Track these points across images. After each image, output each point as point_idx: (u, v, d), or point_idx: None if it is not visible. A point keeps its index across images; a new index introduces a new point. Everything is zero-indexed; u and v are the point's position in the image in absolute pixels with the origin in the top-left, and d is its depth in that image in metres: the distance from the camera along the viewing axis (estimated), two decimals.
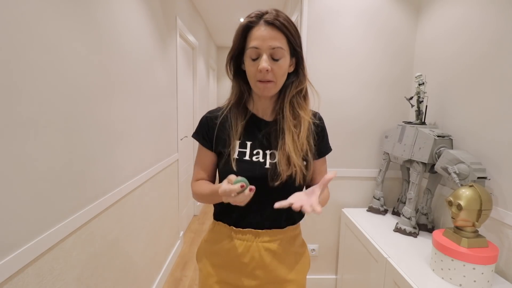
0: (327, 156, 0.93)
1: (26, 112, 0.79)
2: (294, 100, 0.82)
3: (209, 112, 0.88)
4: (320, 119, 0.89)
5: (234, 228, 0.84)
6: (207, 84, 4.12)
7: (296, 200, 0.67)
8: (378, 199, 1.78)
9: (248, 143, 0.82)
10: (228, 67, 0.84)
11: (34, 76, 0.81)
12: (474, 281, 1.02)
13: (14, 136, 0.75)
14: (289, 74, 0.82)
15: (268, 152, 0.81)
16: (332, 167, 1.88)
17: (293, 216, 0.87)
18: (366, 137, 1.87)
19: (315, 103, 0.88)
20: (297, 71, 0.83)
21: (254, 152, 0.81)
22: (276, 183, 0.77)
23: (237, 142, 0.81)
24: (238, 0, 2.98)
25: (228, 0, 2.97)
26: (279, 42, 0.74)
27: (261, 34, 0.73)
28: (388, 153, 1.73)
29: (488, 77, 1.25)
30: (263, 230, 0.82)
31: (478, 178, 1.16)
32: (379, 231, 1.53)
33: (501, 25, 1.19)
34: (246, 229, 0.83)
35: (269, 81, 0.76)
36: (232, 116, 0.83)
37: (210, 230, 0.91)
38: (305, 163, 0.80)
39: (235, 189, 0.64)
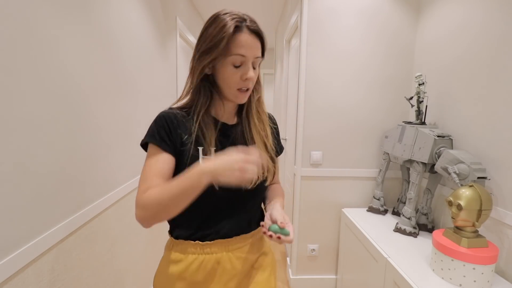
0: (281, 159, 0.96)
1: (26, 112, 0.79)
2: (257, 105, 0.84)
3: (165, 112, 0.76)
4: (273, 118, 0.93)
5: (200, 243, 0.75)
6: None
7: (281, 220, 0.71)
8: (378, 199, 1.78)
9: (212, 149, 0.74)
10: (198, 70, 0.73)
11: (34, 76, 0.81)
12: (474, 281, 1.02)
13: (13, 136, 0.75)
14: None
15: None
16: (333, 167, 1.89)
17: (257, 219, 0.86)
18: (366, 137, 1.87)
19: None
20: (258, 78, 0.83)
21: None
22: (250, 186, 0.74)
23: (200, 149, 0.73)
24: (238, 0, 2.98)
25: (228, 0, 2.97)
26: (259, 51, 0.75)
27: (248, 42, 0.70)
28: (388, 153, 1.73)
29: (488, 77, 1.25)
30: (232, 238, 0.78)
31: (478, 178, 1.16)
32: (379, 231, 1.53)
33: (501, 25, 1.19)
34: (214, 241, 0.76)
35: (247, 90, 0.77)
36: (202, 125, 0.75)
37: (169, 253, 0.79)
38: (272, 162, 0.83)
39: (257, 160, 0.60)
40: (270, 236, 0.68)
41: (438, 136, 1.38)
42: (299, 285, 1.98)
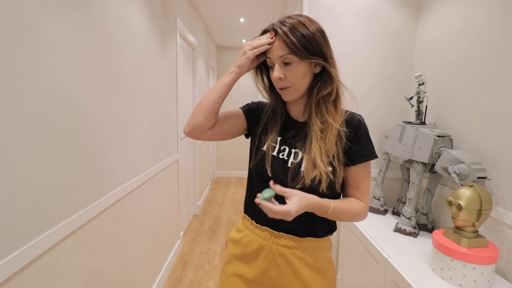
0: None
1: (26, 112, 0.79)
2: (321, 103, 0.78)
3: (262, 103, 0.93)
4: (353, 120, 0.80)
5: (254, 223, 0.85)
6: (207, 84, 4.12)
7: (288, 196, 0.69)
8: (378, 199, 1.78)
9: (279, 139, 0.84)
10: (260, 80, 0.87)
11: (34, 77, 0.81)
12: (474, 281, 1.02)
13: (14, 136, 0.75)
14: (316, 75, 0.79)
15: (293, 150, 0.81)
16: None
17: (315, 227, 0.81)
18: None
19: (351, 106, 0.83)
20: (324, 72, 0.78)
21: (282, 148, 0.82)
22: (297, 186, 0.75)
23: (270, 137, 0.83)
24: (238, 0, 2.98)
25: (228, 0, 2.97)
26: (285, 49, 0.73)
27: (271, 45, 0.76)
28: (388, 153, 1.73)
29: (488, 77, 1.25)
30: (279, 233, 0.81)
31: (478, 178, 1.16)
32: (379, 231, 1.53)
33: (501, 25, 1.19)
34: (264, 227, 0.83)
35: (287, 88, 0.77)
36: (269, 119, 0.87)
37: (239, 221, 0.93)
38: (331, 169, 0.75)
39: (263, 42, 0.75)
40: (256, 202, 0.69)
41: (438, 136, 1.38)
42: None
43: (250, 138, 0.92)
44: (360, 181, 0.82)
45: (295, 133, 0.82)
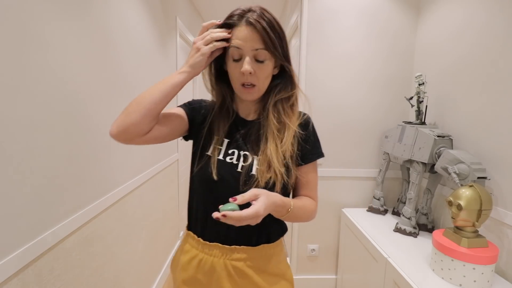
0: (322, 161, 0.86)
1: (26, 113, 0.79)
2: (279, 105, 0.75)
3: (204, 101, 0.85)
4: (307, 122, 0.80)
5: (201, 240, 0.76)
6: None
7: (254, 199, 0.62)
8: (378, 199, 1.78)
9: (226, 141, 0.77)
10: (209, 71, 0.78)
11: (34, 77, 0.81)
12: (474, 281, 1.02)
13: (14, 137, 0.75)
14: (274, 77, 0.76)
15: (242, 153, 0.75)
16: (333, 167, 1.88)
17: (268, 233, 0.78)
18: (366, 137, 1.87)
19: (305, 110, 0.84)
20: (283, 75, 0.76)
21: (229, 151, 0.75)
22: (249, 188, 0.70)
23: (215, 138, 0.76)
24: (238, 0, 2.98)
25: (228, 0, 2.97)
26: (261, 44, 0.68)
27: (243, 34, 0.68)
28: (388, 153, 1.73)
29: (488, 77, 1.25)
30: (231, 246, 0.74)
31: (478, 178, 1.16)
32: (379, 231, 1.53)
33: (501, 26, 1.19)
34: (213, 243, 0.75)
35: (252, 86, 0.72)
36: (215, 117, 0.79)
37: (183, 240, 0.84)
38: (284, 169, 0.73)
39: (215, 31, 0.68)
40: (217, 218, 0.58)
41: (438, 136, 1.38)
42: (299, 285, 1.98)
43: (192, 141, 0.83)
44: (310, 179, 0.81)
45: (245, 134, 0.77)
